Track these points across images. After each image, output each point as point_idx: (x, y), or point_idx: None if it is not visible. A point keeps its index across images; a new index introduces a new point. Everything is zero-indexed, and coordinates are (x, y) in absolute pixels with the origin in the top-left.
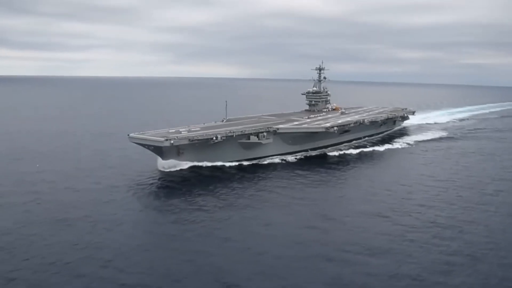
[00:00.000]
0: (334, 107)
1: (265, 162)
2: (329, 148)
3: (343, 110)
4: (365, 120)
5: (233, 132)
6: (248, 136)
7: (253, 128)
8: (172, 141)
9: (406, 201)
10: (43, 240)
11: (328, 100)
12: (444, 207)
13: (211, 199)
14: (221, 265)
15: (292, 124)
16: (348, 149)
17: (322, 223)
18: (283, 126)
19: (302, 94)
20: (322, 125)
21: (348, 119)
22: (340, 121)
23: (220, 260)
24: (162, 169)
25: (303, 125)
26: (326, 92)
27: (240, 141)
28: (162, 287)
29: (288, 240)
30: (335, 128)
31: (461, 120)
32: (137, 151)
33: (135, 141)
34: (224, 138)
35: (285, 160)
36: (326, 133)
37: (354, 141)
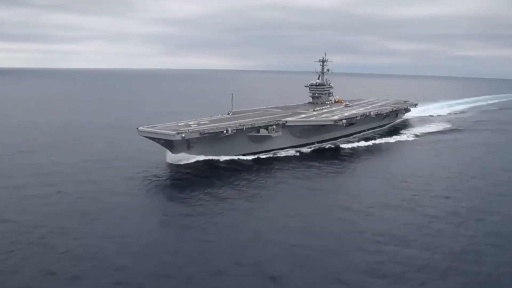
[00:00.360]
0: (336, 100)
1: (281, 155)
2: (339, 140)
3: (347, 103)
4: (371, 112)
5: (243, 125)
6: (257, 129)
7: (262, 121)
8: (183, 135)
9: (425, 193)
10: (75, 233)
11: (331, 93)
12: (463, 198)
13: (233, 191)
14: (259, 257)
15: (299, 117)
16: (359, 141)
17: (348, 214)
18: (291, 119)
19: (305, 86)
20: (331, 118)
21: (354, 111)
22: (347, 114)
23: (256, 252)
24: (172, 163)
25: (311, 118)
26: (329, 84)
27: (250, 134)
28: (206, 278)
29: (318, 231)
30: (344, 120)
31: (461, 112)
32: (146, 144)
33: (144, 135)
34: (235, 131)
35: (299, 151)
36: (333, 125)
37: (362, 133)
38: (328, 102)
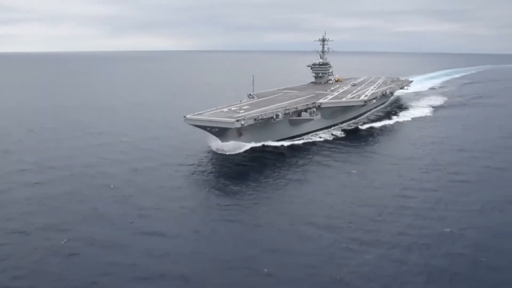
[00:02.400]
0: (336, 79)
1: (317, 139)
2: (362, 118)
3: (354, 82)
4: (387, 91)
5: (288, 109)
6: (299, 112)
7: (303, 105)
8: (242, 122)
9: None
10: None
11: (331, 72)
12: None
13: (302, 180)
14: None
15: (328, 98)
16: (388, 118)
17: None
18: (324, 101)
19: (308, 66)
20: (361, 98)
21: (372, 91)
22: (370, 94)
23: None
24: (223, 152)
25: (343, 99)
26: (329, 64)
27: (291, 118)
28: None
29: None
30: (374, 100)
31: (440, 87)
32: (188, 131)
33: (193, 123)
34: (283, 116)
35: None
36: (354, 106)
37: (371, 111)
38: (330, 82)
